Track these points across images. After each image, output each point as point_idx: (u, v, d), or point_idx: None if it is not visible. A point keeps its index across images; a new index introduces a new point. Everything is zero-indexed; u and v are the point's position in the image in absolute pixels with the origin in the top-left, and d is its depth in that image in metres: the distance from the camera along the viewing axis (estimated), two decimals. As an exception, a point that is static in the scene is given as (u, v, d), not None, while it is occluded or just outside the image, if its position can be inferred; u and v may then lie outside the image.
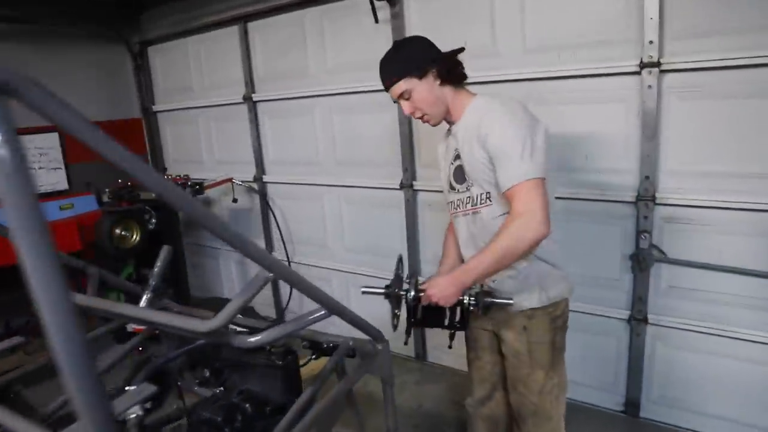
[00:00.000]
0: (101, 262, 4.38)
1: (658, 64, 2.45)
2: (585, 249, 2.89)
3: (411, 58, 1.90)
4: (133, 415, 1.42)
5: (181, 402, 1.96)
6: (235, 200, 4.38)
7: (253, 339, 1.25)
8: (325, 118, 3.91)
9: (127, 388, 1.51)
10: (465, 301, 1.88)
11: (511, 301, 1.89)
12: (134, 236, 3.96)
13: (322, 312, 1.24)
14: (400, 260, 2.05)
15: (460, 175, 2.00)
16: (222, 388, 1.85)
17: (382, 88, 1.96)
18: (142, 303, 1.48)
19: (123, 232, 3.91)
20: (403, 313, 1.96)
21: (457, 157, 1.99)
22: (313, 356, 1.58)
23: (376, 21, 3.35)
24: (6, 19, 4.25)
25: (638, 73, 2.53)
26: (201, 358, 1.91)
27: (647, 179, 2.63)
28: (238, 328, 1.73)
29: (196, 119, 4.84)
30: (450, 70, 1.91)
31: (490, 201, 1.91)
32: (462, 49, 1.94)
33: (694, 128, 2.49)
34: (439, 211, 3.43)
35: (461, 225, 2.08)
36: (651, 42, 2.45)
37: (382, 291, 1.96)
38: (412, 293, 1.88)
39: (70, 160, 4.81)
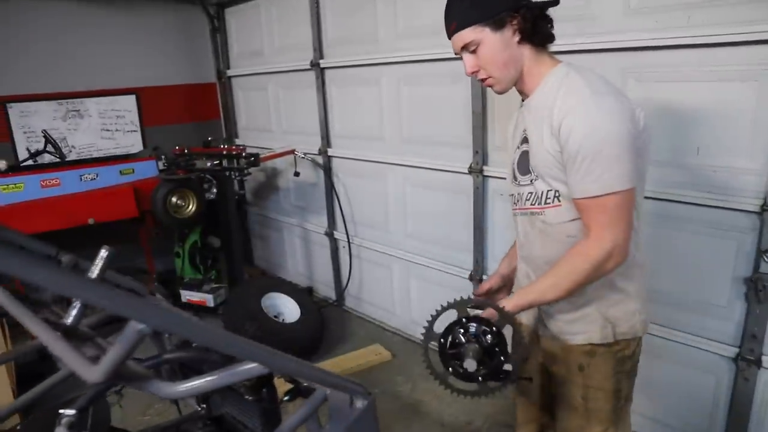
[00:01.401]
0: (164, 230, 4.39)
1: (813, 29, 1.82)
2: (684, 264, 2.32)
3: (487, 1, 1.43)
4: None
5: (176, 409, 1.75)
6: (297, 174, 4.13)
7: (168, 390, 0.92)
8: (392, 88, 3.50)
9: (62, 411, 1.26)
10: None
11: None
12: (190, 206, 3.82)
13: (252, 365, 0.89)
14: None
15: (524, 163, 1.56)
16: (204, 406, 1.58)
17: (453, 55, 1.55)
18: (70, 316, 1.19)
19: (179, 201, 3.78)
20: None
21: (525, 140, 1.54)
22: (286, 398, 1.24)
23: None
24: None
25: (781, 41, 1.90)
26: (185, 364, 1.64)
27: (779, 184, 2.01)
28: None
29: (266, 85, 4.62)
30: (536, 24, 1.44)
31: (560, 201, 1.48)
32: (556, 2, 1.46)
33: None
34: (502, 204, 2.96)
35: (519, 226, 1.67)
36: (804, -1, 1.81)
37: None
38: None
39: (146, 123, 4.79)
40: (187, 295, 4.12)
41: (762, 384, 2.24)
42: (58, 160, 3.92)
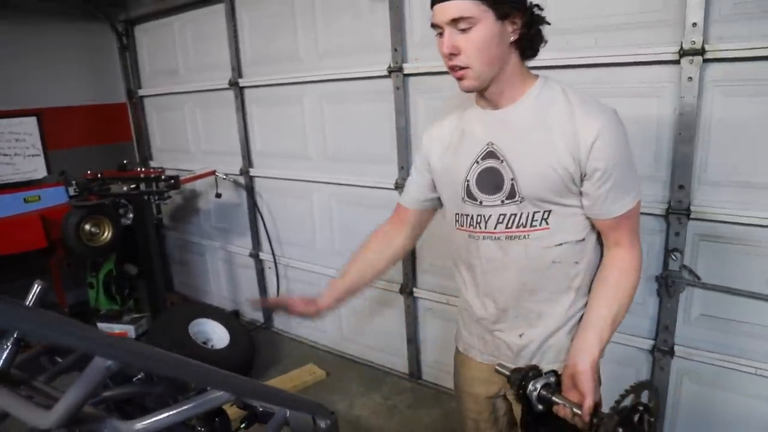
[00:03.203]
0: (75, 260, 4.11)
1: (701, 52, 2.03)
2: (603, 267, 2.49)
3: None
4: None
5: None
6: (218, 195, 4.03)
7: (127, 429, 0.88)
8: (314, 107, 3.52)
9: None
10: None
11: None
12: (106, 233, 3.60)
13: (219, 394, 0.87)
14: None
15: (490, 181, 1.41)
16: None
17: (376, 73, 1.48)
18: (1, 359, 1.08)
19: (93, 229, 3.56)
20: None
21: (490, 155, 1.41)
22: (243, 425, 1.21)
23: (372, -2, 2.95)
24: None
25: (677, 62, 2.10)
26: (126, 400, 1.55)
27: (681, 189, 2.21)
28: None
29: (183, 105, 4.48)
30: (536, 33, 1.34)
31: (548, 223, 1.39)
32: (548, 22, 1.37)
33: (742, 130, 2.07)
34: (437, 216, 3.04)
35: (483, 251, 1.48)
36: (694, 24, 2.02)
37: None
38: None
39: (49, 147, 4.49)
40: (105, 328, 3.87)
41: (675, 372, 2.44)
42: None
